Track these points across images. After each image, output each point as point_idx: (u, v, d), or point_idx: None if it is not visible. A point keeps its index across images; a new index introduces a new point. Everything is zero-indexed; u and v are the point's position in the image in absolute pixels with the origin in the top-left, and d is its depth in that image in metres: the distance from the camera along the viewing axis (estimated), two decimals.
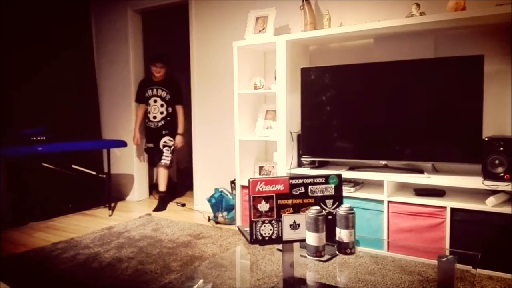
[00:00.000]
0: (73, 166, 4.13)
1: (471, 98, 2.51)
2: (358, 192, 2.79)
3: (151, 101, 4.18)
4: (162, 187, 4.25)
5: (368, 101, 2.86)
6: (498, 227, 2.31)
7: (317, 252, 1.50)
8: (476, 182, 2.43)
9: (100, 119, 4.85)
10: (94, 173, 4.21)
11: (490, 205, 2.33)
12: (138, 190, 4.67)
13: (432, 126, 2.69)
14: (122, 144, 4.20)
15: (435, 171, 2.80)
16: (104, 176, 4.26)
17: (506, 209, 2.30)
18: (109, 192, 4.27)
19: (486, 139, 2.41)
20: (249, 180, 1.58)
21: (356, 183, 2.91)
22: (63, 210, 4.07)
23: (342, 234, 1.50)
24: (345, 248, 1.50)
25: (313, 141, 3.05)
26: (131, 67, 4.53)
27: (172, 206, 4.31)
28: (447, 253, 2.26)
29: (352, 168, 2.97)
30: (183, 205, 4.28)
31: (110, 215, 3.98)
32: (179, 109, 4.25)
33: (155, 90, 4.17)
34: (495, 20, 2.48)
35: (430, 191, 2.61)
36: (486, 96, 2.52)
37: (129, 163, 4.65)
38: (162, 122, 4.20)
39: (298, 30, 3.28)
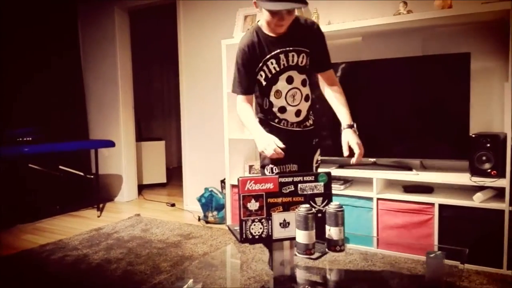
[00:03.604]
0: (60, 167, 4.08)
1: (458, 95, 2.53)
2: (347, 190, 2.80)
3: None
4: None
5: (357, 99, 2.86)
6: (486, 222, 2.34)
7: (307, 250, 1.50)
8: (464, 179, 2.46)
9: (87, 120, 4.79)
10: (81, 173, 4.16)
11: (477, 201, 2.36)
12: (127, 191, 4.63)
13: (420, 123, 2.71)
14: (110, 144, 4.16)
15: (424, 168, 2.82)
16: (92, 176, 4.21)
17: (493, 205, 2.33)
18: (97, 193, 4.22)
19: (473, 135, 2.44)
20: (238, 179, 1.58)
21: (346, 181, 2.92)
22: (50, 211, 4.02)
23: (331, 231, 1.50)
24: (335, 246, 1.50)
25: None
26: (118, 67, 4.48)
27: (161, 206, 4.28)
28: (436, 249, 2.28)
29: (341, 166, 2.98)
30: (173, 205, 4.26)
31: (98, 216, 3.94)
32: None
33: None
34: (481, 18, 2.51)
35: (419, 188, 2.63)
36: (473, 93, 2.54)
37: (117, 163, 4.61)
38: None
39: None
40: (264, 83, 1.77)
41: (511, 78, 2.26)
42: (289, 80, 1.77)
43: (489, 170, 2.37)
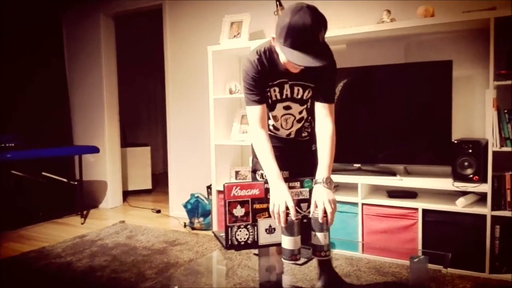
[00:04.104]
0: (43, 173, 4.01)
1: (441, 102, 2.58)
2: None
3: None
4: None
5: (341, 106, 2.89)
6: (468, 227, 2.38)
7: (293, 256, 1.50)
8: (447, 184, 2.50)
9: (72, 125, 4.73)
10: (65, 180, 4.10)
11: (460, 206, 2.40)
12: (112, 197, 4.57)
13: (404, 129, 2.75)
14: (94, 150, 4.11)
15: (408, 173, 2.86)
16: (76, 183, 4.15)
17: (475, 210, 2.37)
18: (81, 200, 4.16)
19: (455, 141, 2.49)
20: (224, 185, 1.57)
21: None
22: (34, 218, 3.94)
23: (317, 236, 1.49)
24: (320, 251, 1.50)
25: None
26: (103, 73, 4.45)
27: (146, 212, 4.24)
28: (420, 253, 2.31)
29: None
30: (158, 211, 4.22)
31: (82, 223, 3.88)
32: None
33: None
34: (462, 26, 2.57)
35: (403, 193, 2.67)
36: (455, 100, 2.59)
37: (102, 169, 4.55)
38: None
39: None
40: (274, 98, 1.70)
41: (491, 85, 2.32)
42: (287, 108, 1.73)
43: (471, 176, 2.42)
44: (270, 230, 1.61)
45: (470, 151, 2.42)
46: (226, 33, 3.32)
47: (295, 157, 1.81)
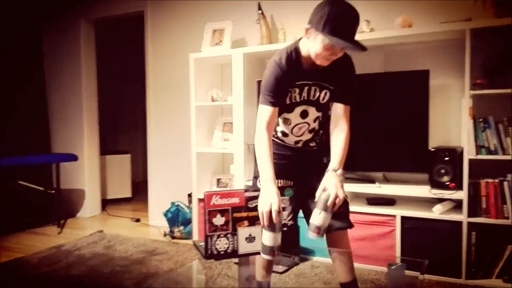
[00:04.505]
0: (20, 182, 3.90)
1: (418, 110, 2.63)
2: None
3: None
4: None
5: None
6: (445, 233, 2.42)
7: (271, 252, 1.50)
8: (424, 191, 2.54)
9: (50, 133, 4.63)
10: (42, 188, 4.00)
11: (437, 212, 2.45)
12: (90, 206, 4.48)
13: (383, 137, 2.79)
14: (72, 158, 4.03)
15: (386, 180, 2.89)
16: (53, 191, 4.05)
17: (452, 216, 2.42)
18: (59, 209, 4.06)
19: (432, 149, 2.54)
20: (204, 194, 1.56)
21: None
22: (9, 228, 3.82)
23: (321, 215, 1.49)
24: (318, 230, 1.50)
25: None
26: (83, 79, 4.38)
27: (125, 221, 4.17)
28: (398, 260, 2.34)
29: None
30: (138, 220, 4.15)
31: (59, 233, 3.78)
32: None
33: None
34: (440, 37, 2.64)
35: (381, 200, 2.70)
36: (432, 108, 2.64)
37: (80, 177, 4.46)
38: None
39: (255, 43, 3.32)
40: (288, 101, 1.68)
41: (467, 94, 2.38)
42: (303, 115, 1.71)
43: (447, 183, 2.47)
44: (250, 239, 1.60)
45: (447, 158, 2.47)
46: (208, 40, 3.32)
47: (302, 167, 1.80)
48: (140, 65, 4.28)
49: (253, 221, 1.63)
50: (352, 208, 2.67)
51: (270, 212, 1.46)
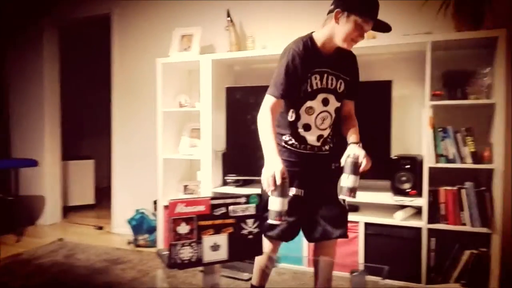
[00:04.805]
0: None
1: (381, 119, 2.71)
2: None
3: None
4: None
5: None
6: (407, 239, 2.49)
7: (277, 217, 1.55)
8: (387, 198, 2.62)
9: (9, 137, 4.43)
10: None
11: (398, 219, 2.52)
12: (50, 213, 4.31)
13: (345, 145, 2.84)
14: (32, 163, 3.87)
15: None
16: (12, 198, 3.87)
17: (412, 223, 2.49)
18: (17, 216, 3.88)
19: (394, 157, 2.62)
20: (169, 202, 1.54)
21: None
22: None
23: (350, 178, 1.62)
24: (350, 192, 1.62)
25: (237, 160, 3.07)
26: (45, 83, 4.23)
27: (88, 229, 4.04)
28: (361, 267, 2.38)
29: None
30: (100, 228, 4.03)
31: (17, 242, 3.61)
32: None
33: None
34: (402, 48, 2.74)
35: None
36: (394, 118, 2.72)
37: (40, 183, 4.29)
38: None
39: (224, 50, 3.32)
40: (302, 94, 1.71)
41: (427, 105, 2.47)
42: (325, 102, 1.75)
43: (408, 190, 2.55)
44: (215, 247, 1.59)
45: (408, 166, 2.56)
46: (177, 45, 3.29)
47: (313, 174, 1.80)
48: (106, 68, 4.19)
49: (219, 229, 1.62)
50: None
51: (272, 178, 1.52)
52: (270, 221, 1.58)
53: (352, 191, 1.63)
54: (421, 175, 2.49)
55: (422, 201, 2.47)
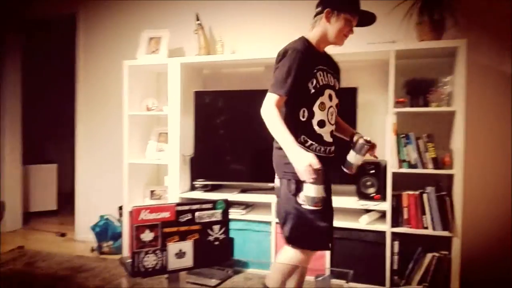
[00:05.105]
0: None
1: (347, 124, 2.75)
2: (248, 215, 2.85)
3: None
4: None
5: (258, 126, 2.95)
6: (371, 243, 2.54)
7: (315, 203, 1.61)
8: (352, 202, 2.66)
9: None
10: None
11: (363, 223, 2.57)
12: (10, 219, 4.12)
13: None
14: None
15: None
16: None
17: (377, 227, 2.55)
18: None
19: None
20: (132, 209, 1.51)
21: (247, 206, 2.96)
22: None
23: (356, 157, 1.86)
24: (353, 169, 1.89)
25: (206, 164, 3.05)
26: (5, 83, 4.06)
27: (49, 236, 3.90)
28: (327, 271, 2.41)
29: (244, 190, 3.03)
30: (63, 235, 3.89)
31: None
32: None
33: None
34: (367, 56, 2.80)
35: None
36: (359, 124, 2.76)
37: None
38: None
39: (193, 53, 3.29)
40: (312, 90, 1.72)
41: (391, 112, 2.54)
42: (330, 98, 1.80)
43: (373, 194, 2.61)
44: (180, 255, 1.57)
45: (372, 171, 2.61)
46: (144, 48, 3.24)
47: (329, 180, 1.82)
48: (70, 70, 4.06)
49: (184, 236, 1.60)
50: None
51: (311, 167, 1.54)
52: (309, 207, 1.63)
53: (354, 168, 1.88)
54: (385, 180, 2.55)
55: (386, 205, 2.53)
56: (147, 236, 1.52)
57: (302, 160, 1.56)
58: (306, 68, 1.70)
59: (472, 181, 2.69)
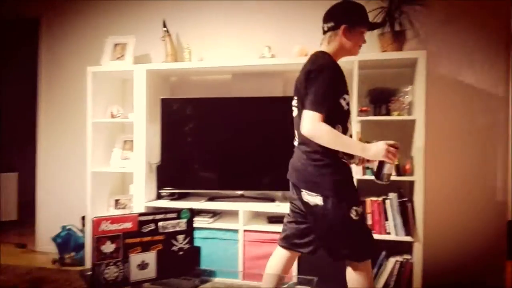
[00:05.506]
0: None
1: None
2: (216, 223, 2.83)
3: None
4: None
5: (226, 134, 2.96)
6: None
7: (387, 178, 1.75)
8: None
9: None
10: None
11: None
12: None
13: (281, 157, 2.90)
14: None
15: (285, 199, 3.01)
16: None
17: None
18: None
19: None
20: (92, 220, 1.47)
21: (215, 214, 2.95)
22: None
23: (389, 165, 1.76)
24: (390, 178, 1.79)
25: (173, 172, 3.01)
26: None
27: (8, 248, 3.72)
28: (294, 278, 2.42)
29: (211, 198, 3.01)
30: (23, 246, 3.73)
31: None
32: None
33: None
34: None
35: (280, 218, 2.78)
36: None
37: None
38: None
39: (160, 60, 3.26)
40: (346, 107, 1.78)
41: (355, 120, 2.60)
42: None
43: None
44: (143, 266, 1.54)
45: None
46: (109, 54, 3.18)
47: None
48: (32, 75, 3.93)
49: (147, 246, 1.57)
50: (252, 227, 2.75)
51: (388, 150, 1.66)
52: (380, 182, 1.77)
53: (390, 177, 1.81)
54: None
55: None
56: (108, 247, 1.48)
57: (379, 147, 1.67)
58: (340, 85, 1.76)
59: (433, 187, 2.79)
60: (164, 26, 3.14)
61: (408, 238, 2.50)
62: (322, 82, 1.68)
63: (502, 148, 2.77)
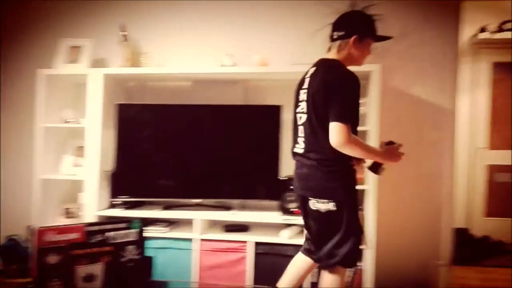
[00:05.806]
0: None
1: (272, 142, 2.82)
2: (171, 232, 2.78)
3: None
4: None
5: (183, 141, 2.93)
6: (292, 257, 2.59)
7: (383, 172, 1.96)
8: (276, 217, 2.71)
9: None
10: None
11: (284, 237, 2.62)
12: None
13: (240, 166, 2.91)
14: None
15: (243, 208, 3.00)
16: None
17: (297, 241, 2.61)
18: None
19: (282, 178, 2.74)
20: (36, 230, 1.40)
21: (170, 223, 2.89)
22: None
23: None
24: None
25: (127, 180, 2.93)
26: None
27: None
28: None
29: (167, 207, 2.95)
30: None
31: None
32: None
33: None
34: (292, 76, 2.88)
35: (236, 226, 2.78)
36: (284, 140, 2.84)
37: None
38: None
39: (117, 65, 3.17)
40: (360, 116, 1.86)
41: None
42: None
43: (294, 209, 2.68)
44: (89, 278, 1.48)
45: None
46: (63, 57, 3.06)
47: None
48: None
49: (95, 258, 1.51)
50: (208, 236, 2.72)
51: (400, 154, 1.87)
52: (378, 175, 1.98)
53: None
54: None
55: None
56: (53, 259, 1.41)
57: (393, 153, 1.87)
58: (360, 95, 1.81)
59: (385, 196, 2.88)
60: (122, 30, 3.07)
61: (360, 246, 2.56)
62: (348, 93, 1.75)
63: (448, 160, 2.91)
